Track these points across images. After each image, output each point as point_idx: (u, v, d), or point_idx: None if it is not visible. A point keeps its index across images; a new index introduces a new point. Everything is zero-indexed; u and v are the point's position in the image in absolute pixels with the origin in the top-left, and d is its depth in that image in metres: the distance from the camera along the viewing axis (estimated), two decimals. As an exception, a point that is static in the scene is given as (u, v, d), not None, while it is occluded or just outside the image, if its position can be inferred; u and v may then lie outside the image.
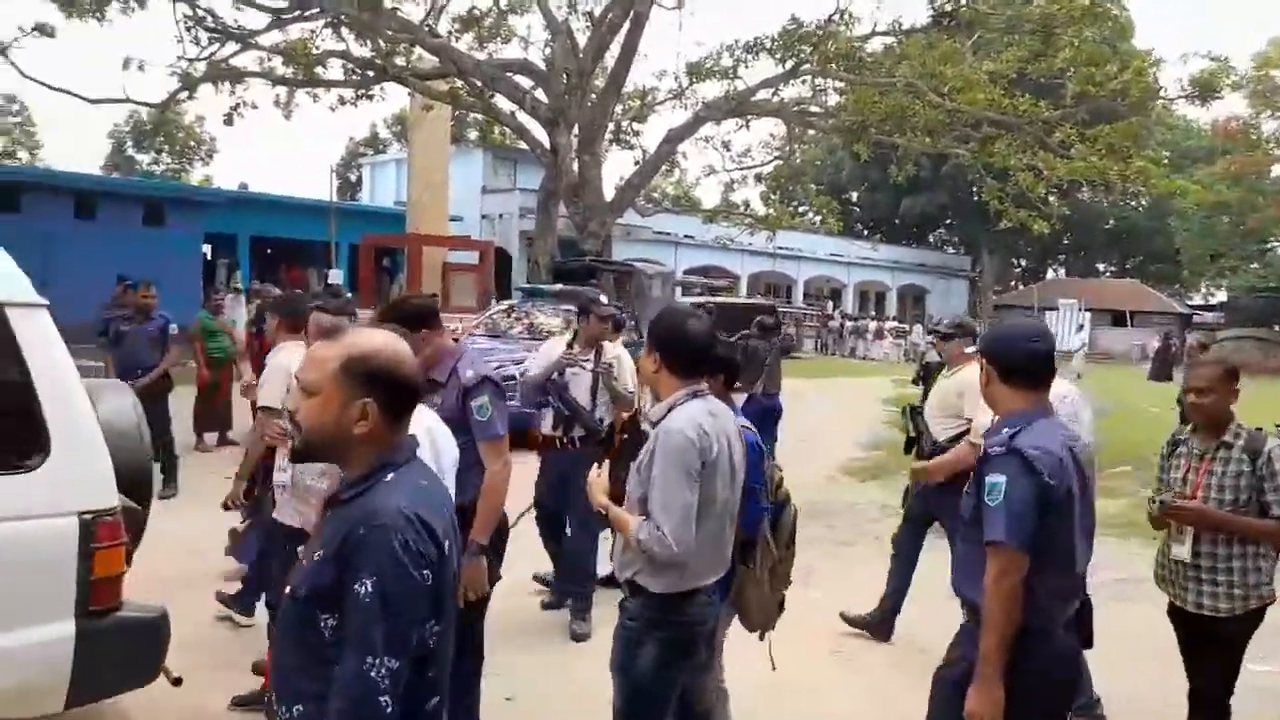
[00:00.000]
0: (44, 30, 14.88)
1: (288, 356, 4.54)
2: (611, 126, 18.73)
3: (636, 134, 21.65)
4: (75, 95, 15.62)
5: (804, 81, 18.19)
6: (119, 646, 2.86)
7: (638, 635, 2.60)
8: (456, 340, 3.99)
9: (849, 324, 34.03)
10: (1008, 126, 16.77)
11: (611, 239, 18.76)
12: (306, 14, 16.18)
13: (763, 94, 18.04)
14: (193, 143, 45.74)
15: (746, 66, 17.82)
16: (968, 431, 4.42)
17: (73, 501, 2.70)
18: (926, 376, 16.46)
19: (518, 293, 16.23)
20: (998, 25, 16.47)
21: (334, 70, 17.19)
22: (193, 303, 14.70)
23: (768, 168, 23.56)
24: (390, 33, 15.95)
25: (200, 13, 15.67)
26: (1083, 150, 16.08)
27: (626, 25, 16.85)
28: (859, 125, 17.18)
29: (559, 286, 13.85)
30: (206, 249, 23.43)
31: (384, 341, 1.77)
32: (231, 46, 16.34)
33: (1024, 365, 2.51)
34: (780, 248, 31.99)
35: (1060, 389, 3.41)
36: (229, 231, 24.29)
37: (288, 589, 1.72)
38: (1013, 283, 55.40)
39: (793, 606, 3.28)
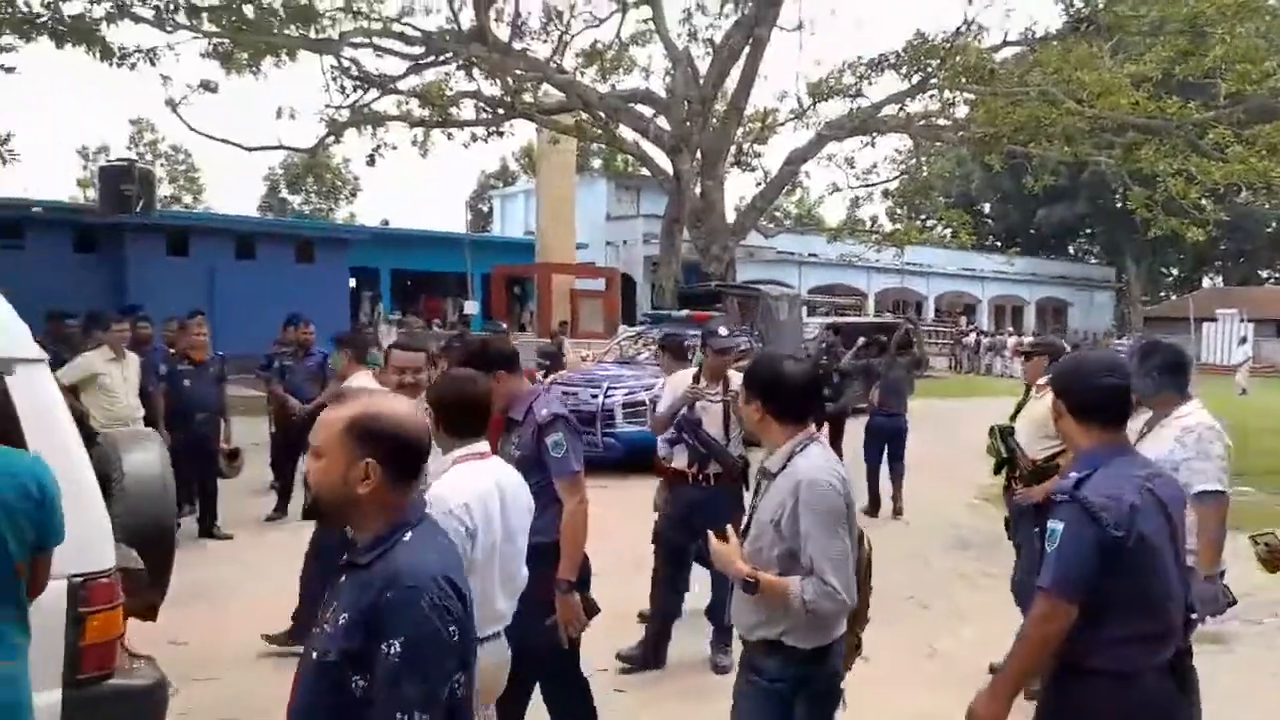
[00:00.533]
0: (208, 87, 16.13)
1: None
2: (733, 149, 18.80)
3: (758, 156, 21.66)
4: (235, 144, 16.90)
5: (931, 95, 17.79)
6: (111, 716, 2.65)
7: (787, 695, 2.53)
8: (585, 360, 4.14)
9: (984, 340, 32.78)
10: (1155, 130, 15.88)
11: (735, 261, 18.77)
12: (441, 59, 17.00)
13: (888, 110, 17.75)
14: (338, 182, 48.59)
15: (870, 83, 17.60)
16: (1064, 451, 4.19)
17: (61, 564, 2.44)
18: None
19: (644, 318, 16.45)
20: (1140, 28, 15.64)
21: (466, 109, 17.97)
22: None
23: (893, 183, 23.08)
24: (519, 72, 16.56)
25: (345, 63, 16.70)
26: (1240, 152, 15.04)
27: (746, 49, 16.94)
28: (991, 136, 16.64)
29: (685, 312, 13.97)
30: (352, 282, 24.80)
31: (389, 404, 1.84)
32: (373, 93, 17.34)
33: (1097, 402, 2.43)
34: (908, 263, 31.23)
35: (1190, 420, 3.24)
36: (372, 266, 25.67)
37: (313, 653, 1.74)
38: (1163, 293, 52.02)
39: (946, 645, 3.20)
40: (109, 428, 6.74)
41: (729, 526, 2.69)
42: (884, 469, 8.64)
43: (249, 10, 15.39)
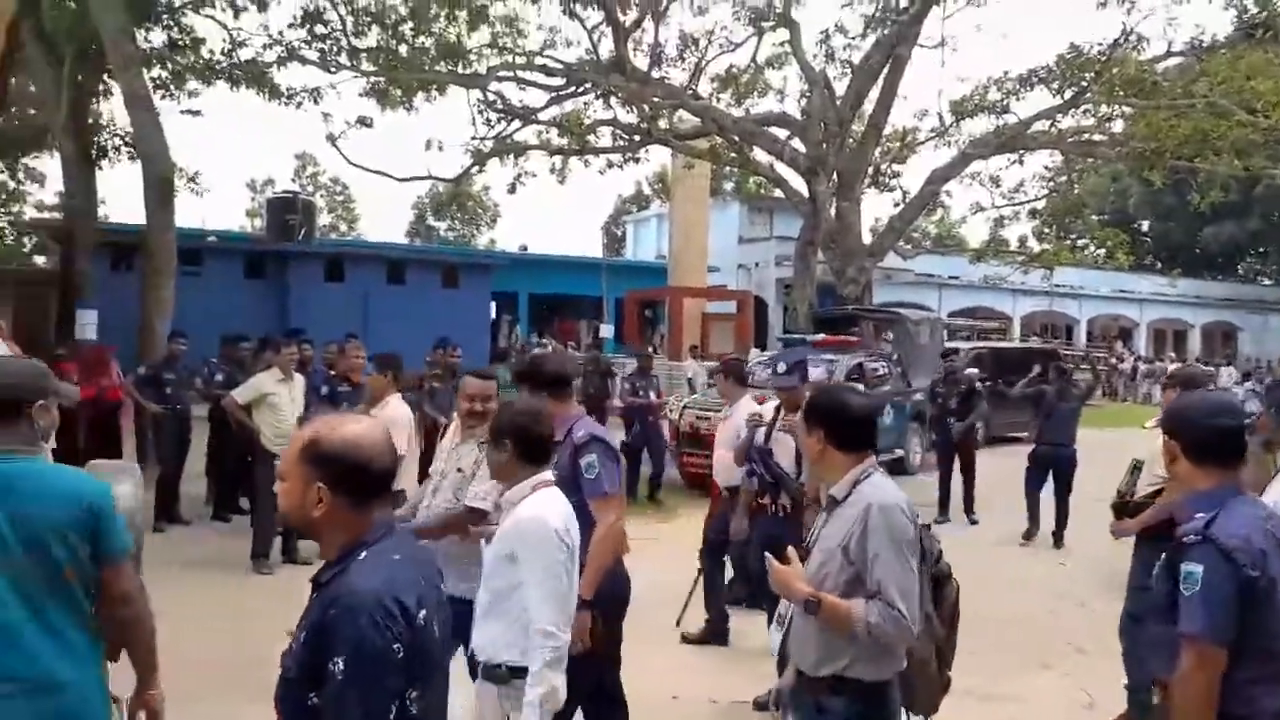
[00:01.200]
0: (364, 122, 17.18)
1: (393, 410, 5.41)
2: (870, 170, 18.47)
3: (896, 176, 21.20)
4: (387, 175, 17.89)
5: (1085, 110, 16.95)
6: None
7: None
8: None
9: (1143, 366, 30.76)
10: (1339, 141, 14.61)
11: (871, 283, 18.38)
12: (581, 89, 17.49)
13: (1037, 126, 17.03)
14: (480, 209, 50.59)
15: (1018, 99, 16.93)
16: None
17: None
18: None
19: (778, 342, 16.31)
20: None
21: (603, 137, 18.40)
22: (482, 357, 16.21)
23: (1041, 201, 22.08)
24: (656, 99, 16.83)
25: (490, 97, 17.44)
26: None
27: (886, 68, 16.65)
28: (1153, 151, 15.67)
29: (820, 335, 13.76)
30: (492, 306, 25.71)
31: (345, 427, 1.82)
32: (515, 123, 18.01)
33: (1213, 443, 2.38)
34: (1057, 285, 29.77)
35: None
36: (511, 290, 26.53)
37: (280, 670, 1.77)
38: (1351, 316, 47.48)
39: (1104, 696, 3.02)
40: (278, 443, 7.26)
41: (790, 549, 2.67)
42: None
43: (403, 50, 16.31)
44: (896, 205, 18.88)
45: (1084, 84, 15.82)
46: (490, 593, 2.76)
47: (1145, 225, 44.95)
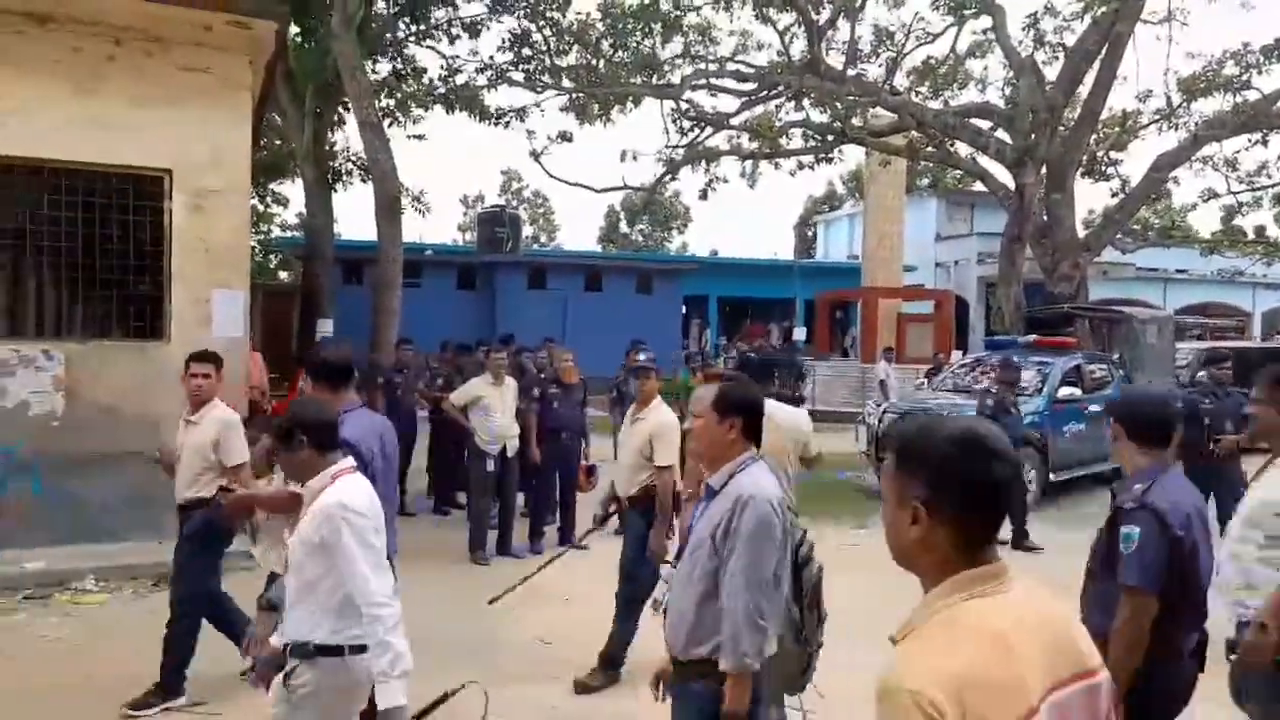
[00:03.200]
0: (565, 137, 17.96)
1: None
2: (1084, 159, 17.22)
3: (1115, 164, 19.64)
4: (586, 187, 18.61)
5: (1347, 80, 15.05)
6: None
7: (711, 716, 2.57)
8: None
9: None
10: None
11: (1086, 280, 17.12)
12: (773, 92, 17.45)
13: (1286, 101, 15.29)
14: (671, 215, 51.43)
15: (1260, 73, 15.27)
16: None
17: None
18: None
19: (982, 343, 15.55)
20: None
21: (795, 139, 18.26)
22: (675, 361, 16.51)
23: (1290, 185, 19.77)
24: (851, 97, 16.51)
25: (683, 106, 17.74)
26: None
27: (1103, 50, 15.48)
28: None
29: (1031, 337, 12.99)
30: (683, 310, 26.10)
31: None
32: (707, 130, 18.22)
33: (1153, 428, 2.89)
34: (1309, 278, 26.53)
35: None
36: (701, 293, 26.83)
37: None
38: None
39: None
40: (489, 443, 7.76)
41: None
42: None
43: (601, 66, 16.92)
44: (1114, 195, 17.54)
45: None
46: (301, 582, 2.75)
47: None
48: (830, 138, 17.80)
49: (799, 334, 22.21)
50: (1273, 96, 15.35)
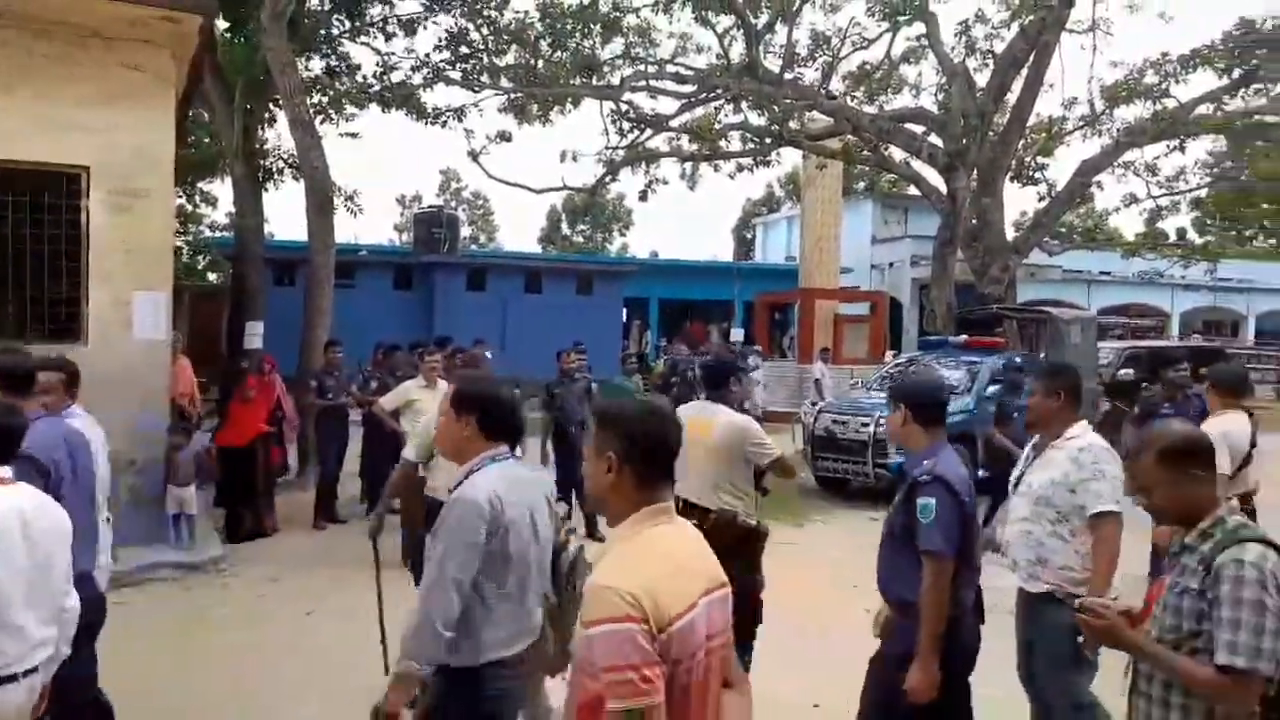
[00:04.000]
0: (504, 137, 17.81)
1: None
2: (1012, 163, 17.70)
3: (1042, 169, 20.22)
4: (525, 187, 18.49)
5: (1257, 90, 15.72)
6: None
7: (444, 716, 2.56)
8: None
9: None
10: None
11: (1015, 281, 17.59)
12: (712, 95, 17.56)
13: (1200, 110, 15.91)
14: (612, 217, 51.42)
15: (1178, 82, 15.86)
16: None
17: None
18: None
19: (915, 343, 15.86)
20: None
21: (734, 141, 18.39)
22: (614, 362, 16.51)
23: (1204, 190, 20.61)
24: (788, 101, 16.70)
25: (623, 107, 17.75)
26: None
27: (1031, 57, 15.92)
28: (1335, 133, 14.42)
29: (963, 337, 13.30)
30: (624, 311, 26.09)
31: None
32: (647, 132, 18.25)
33: (935, 411, 3.22)
34: (1222, 279, 27.63)
35: (1083, 441, 3.42)
36: (642, 295, 26.84)
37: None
38: None
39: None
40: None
41: None
42: None
43: (541, 66, 16.82)
44: (1041, 199, 18.04)
45: (1256, 62, 14.67)
46: None
47: (1327, 212, 41.14)
48: (768, 141, 17.97)
49: (737, 335, 22.38)
50: (1189, 105, 15.97)
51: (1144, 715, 2.28)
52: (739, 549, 3.84)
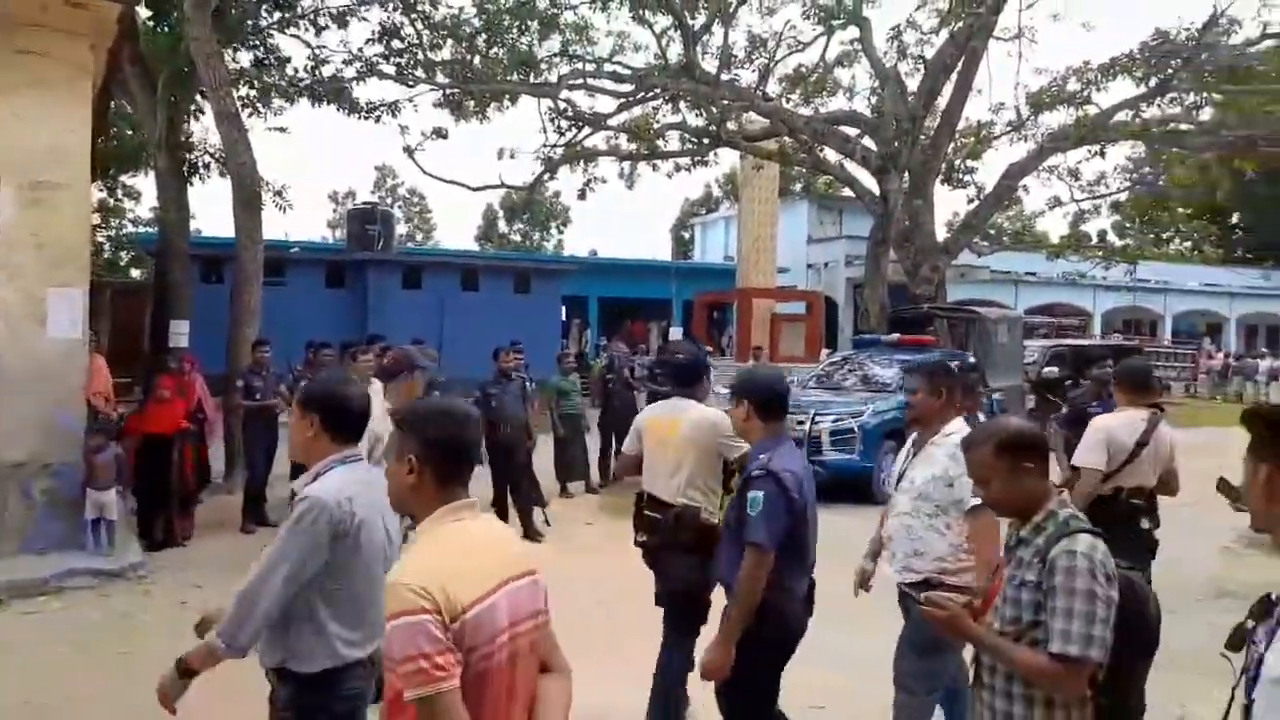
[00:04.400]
0: (440, 134, 17.56)
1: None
2: (943, 166, 18.13)
3: (971, 172, 20.73)
4: (461, 185, 18.28)
5: (1172, 99, 16.34)
6: None
7: None
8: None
9: (1233, 363, 29.48)
10: None
11: (945, 281, 18.01)
12: (650, 94, 17.59)
13: (1120, 116, 16.49)
14: (550, 215, 51.20)
15: (1099, 90, 16.41)
16: None
17: None
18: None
19: (850, 342, 16.13)
20: None
21: (672, 141, 18.46)
22: (552, 361, 16.41)
23: (1124, 194, 21.39)
24: (725, 101, 16.82)
25: (561, 105, 17.67)
26: None
27: (960, 63, 16.33)
28: (1245, 140, 15.05)
29: (895, 336, 13.56)
30: (563, 310, 26.01)
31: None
32: (586, 130, 18.20)
33: (774, 405, 3.30)
34: (1141, 280, 28.71)
35: (960, 437, 3.31)
36: (581, 294, 26.78)
37: None
38: None
39: (1198, 710, 2.94)
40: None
41: None
42: None
43: (477, 62, 16.64)
44: (971, 202, 18.50)
45: (1171, 71, 15.25)
46: None
47: (1236, 217, 43.04)
48: (706, 141, 18.09)
49: (676, 334, 22.48)
50: (1109, 112, 16.53)
51: (987, 706, 2.29)
52: (698, 545, 3.85)
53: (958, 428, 3.56)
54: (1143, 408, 4.91)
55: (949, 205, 65.26)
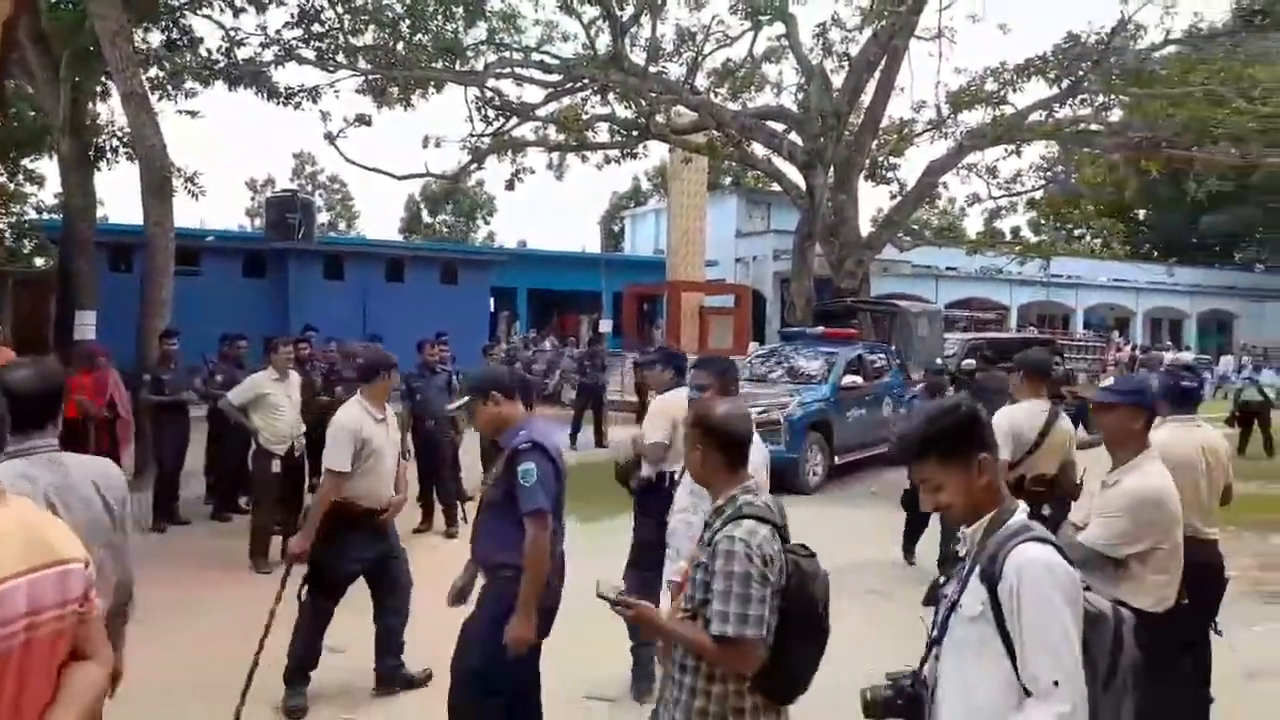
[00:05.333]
0: (363, 120, 17.12)
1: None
2: (867, 163, 18.44)
3: (894, 169, 21.14)
4: (385, 173, 17.87)
5: (1083, 100, 16.92)
6: None
7: None
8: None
9: (1139, 355, 30.79)
10: (1340, 128, 14.61)
11: (869, 276, 18.35)
12: (579, 85, 17.47)
13: (1034, 117, 17.01)
14: (476, 205, 50.57)
15: (1015, 90, 16.89)
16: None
17: None
18: (1245, 416, 14.52)
19: (777, 335, 16.32)
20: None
21: (601, 133, 18.37)
22: (479, 354, 16.19)
23: (1038, 192, 22.07)
24: (654, 94, 16.81)
25: (488, 94, 17.41)
26: None
27: (883, 61, 16.62)
28: (1149, 141, 15.68)
29: (820, 329, 13.77)
30: (491, 302, 25.74)
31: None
32: (513, 120, 17.98)
33: (514, 389, 3.52)
34: (1054, 276, 29.76)
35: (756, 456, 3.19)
36: (510, 285, 26.55)
37: None
38: (1349, 302, 47.59)
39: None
40: (275, 443, 7.28)
41: None
42: None
43: (400, 47, 16.28)
44: (894, 198, 18.87)
45: (1081, 74, 15.79)
46: None
47: (1142, 215, 44.94)
48: (635, 133, 18.06)
49: (605, 326, 22.46)
50: (1024, 112, 17.03)
51: (671, 676, 2.40)
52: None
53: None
54: (1044, 398, 5.07)
55: (874, 201, 66.67)
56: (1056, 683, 1.80)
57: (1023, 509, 2.03)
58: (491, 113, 17.56)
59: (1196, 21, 15.97)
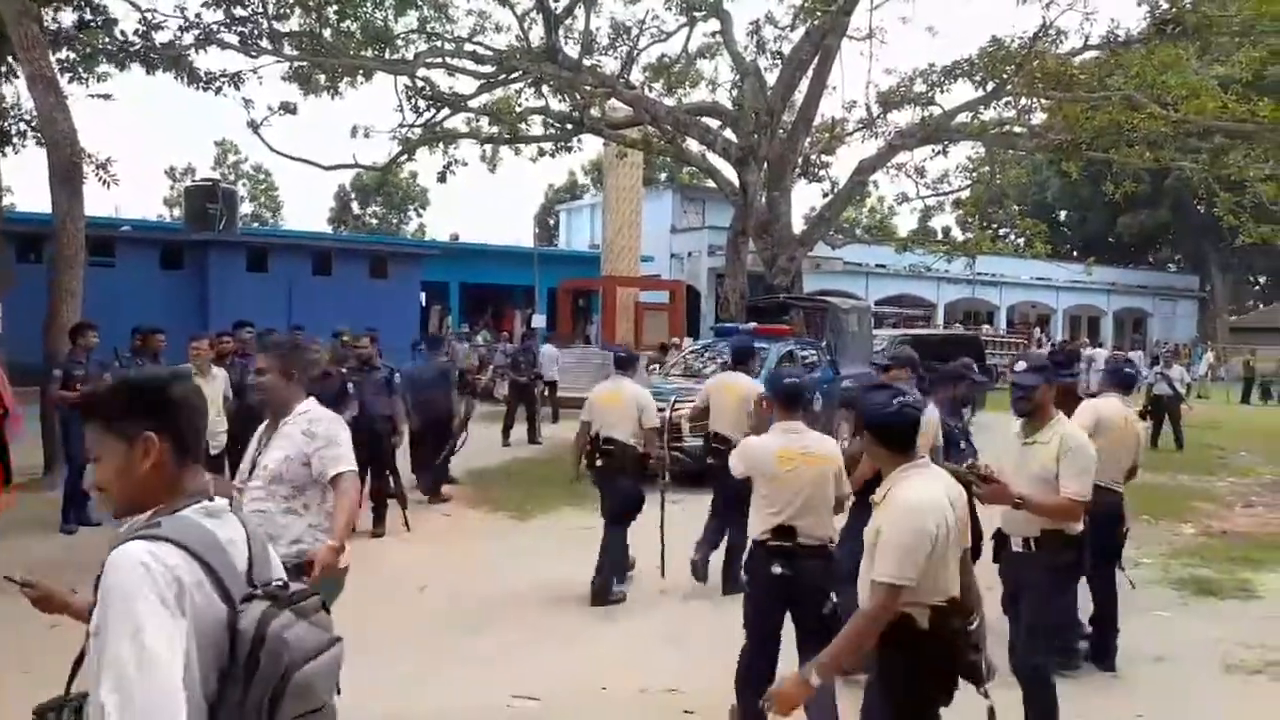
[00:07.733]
0: (288, 109, 16.63)
1: None
2: (800, 160, 18.64)
3: (825, 167, 21.44)
4: (312, 163, 17.38)
5: (1007, 102, 17.38)
6: None
7: None
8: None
9: (1057, 350, 31.85)
10: (1244, 134, 15.26)
11: (801, 273, 18.56)
12: (512, 77, 17.26)
13: (961, 118, 17.40)
14: (408, 197, 49.68)
15: (943, 91, 17.25)
16: None
17: None
18: (1156, 410, 15.12)
19: (710, 331, 16.39)
20: (1229, 28, 14.98)
21: (535, 126, 18.19)
22: (408, 349, 15.90)
23: (965, 192, 22.64)
24: (588, 88, 16.71)
25: (419, 83, 17.07)
26: (1341, 156, 14.35)
27: (815, 60, 16.81)
28: (1069, 143, 16.18)
29: (752, 325, 13.86)
30: (422, 296, 25.31)
31: None
32: (445, 111, 17.67)
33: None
34: (980, 274, 30.64)
35: (313, 411, 3.54)
36: (442, 280, 26.13)
37: None
38: (1250, 302, 50.07)
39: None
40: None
41: None
42: None
43: (328, 34, 15.86)
44: (826, 195, 19.12)
45: (1005, 76, 16.20)
46: None
47: (1063, 215, 46.48)
48: (569, 126, 17.94)
49: (539, 321, 22.29)
50: (951, 113, 17.42)
51: None
52: (636, 469, 6.31)
53: (310, 405, 3.55)
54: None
55: (806, 199, 67.52)
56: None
57: None
58: (423, 103, 17.22)
59: (1114, 28, 16.47)
